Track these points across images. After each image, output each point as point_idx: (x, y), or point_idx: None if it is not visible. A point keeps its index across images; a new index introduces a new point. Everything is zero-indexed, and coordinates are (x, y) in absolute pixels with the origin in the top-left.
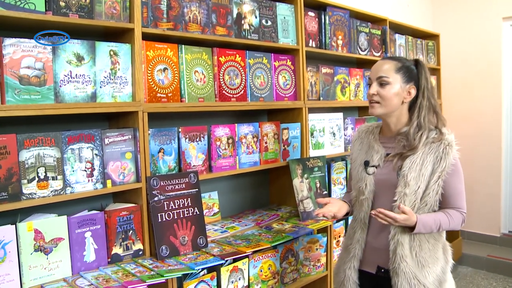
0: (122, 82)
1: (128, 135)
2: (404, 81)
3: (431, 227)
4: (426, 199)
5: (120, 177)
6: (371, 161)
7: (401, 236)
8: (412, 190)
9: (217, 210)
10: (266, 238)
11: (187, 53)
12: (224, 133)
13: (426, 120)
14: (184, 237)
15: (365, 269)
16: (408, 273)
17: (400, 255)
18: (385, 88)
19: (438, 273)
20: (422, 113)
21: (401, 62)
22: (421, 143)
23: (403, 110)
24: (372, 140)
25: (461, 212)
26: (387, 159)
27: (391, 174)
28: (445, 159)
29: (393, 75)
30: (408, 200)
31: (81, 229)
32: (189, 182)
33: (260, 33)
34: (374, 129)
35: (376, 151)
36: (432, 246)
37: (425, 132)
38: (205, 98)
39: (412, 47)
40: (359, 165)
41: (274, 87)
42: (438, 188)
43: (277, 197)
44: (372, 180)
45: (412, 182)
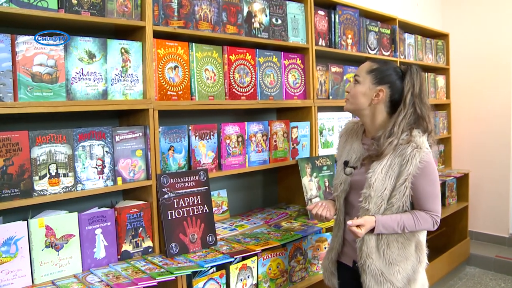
0: (133, 79)
1: (139, 133)
2: (373, 83)
3: (393, 228)
4: (392, 201)
5: (131, 175)
6: (350, 162)
7: (367, 235)
8: (378, 192)
9: (226, 208)
10: (275, 237)
11: (198, 51)
12: (234, 131)
13: (401, 127)
14: (193, 235)
15: (343, 261)
16: (374, 270)
17: (366, 253)
18: (356, 86)
19: (408, 271)
20: (399, 119)
21: (378, 64)
22: (389, 149)
23: (376, 111)
24: (355, 140)
25: (430, 214)
26: (362, 161)
27: (363, 175)
28: (411, 162)
29: (363, 75)
30: (374, 201)
31: (92, 226)
32: (199, 180)
33: (270, 32)
34: (358, 128)
35: (355, 152)
36: (402, 245)
37: (396, 138)
38: (215, 96)
39: (421, 47)
40: (340, 164)
41: (284, 85)
42: (405, 190)
43: (286, 196)
44: (348, 180)
45: (378, 184)
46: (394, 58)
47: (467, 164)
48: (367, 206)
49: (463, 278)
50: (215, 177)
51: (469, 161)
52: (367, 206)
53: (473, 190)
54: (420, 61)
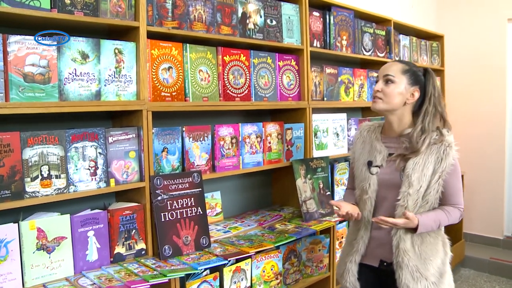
0: (127, 80)
1: (132, 134)
2: (409, 83)
3: (432, 227)
4: (427, 198)
5: (124, 176)
6: (374, 161)
7: (403, 233)
8: (415, 190)
9: (220, 210)
10: (269, 239)
11: (192, 52)
12: (228, 133)
13: (430, 125)
14: (187, 237)
15: (367, 262)
16: (411, 266)
17: (403, 250)
18: (390, 86)
19: (438, 265)
20: (427, 118)
21: (409, 66)
22: (424, 147)
23: (406, 111)
24: (374, 140)
25: (458, 208)
26: (389, 159)
27: (394, 174)
28: (445, 160)
29: (399, 75)
30: (411, 199)
31: (84, 228)
32: (193, 182)
33: (264, 33)
34: (376, 128)
35: (379, 152)
36: (433, 239)
37: (428, 136)
38: (209, 97)
39: (416, 48)
40: (362, 164)
41: (278, 87)
42: (438, 187)
43: (280, 198)
44: (376, 180)
45: (415, 182)
46: (389, 60)
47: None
48: (405, 204)
49: (457, 280)
50: (209, 178)
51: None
52: (405, 204)
53: (468, 192)
54: (415, 62)
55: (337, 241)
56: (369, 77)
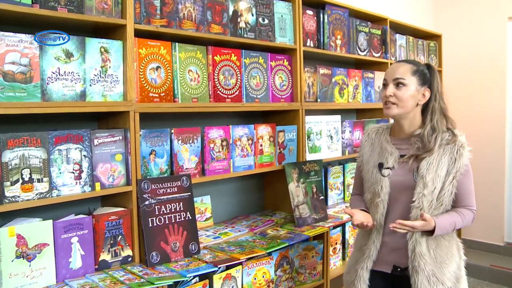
0: (113, 80)
1: (119, 136)
2: (419, 84)
3: (447, 229)
4: (441, 199)
5: (110, 180)
6: (385, 163)
7: (419, 236)
8: (429, 191)
9: (210, 215)
10: (260, 245)
11: (181, 52)
12: (218, 135)
13: (439, 123)
14: (175, 243)
15: (379, 269)
16: (427, 271)
17: (419, 254)
18: (401, 89)
19: (454, 269)
20: (436, 116)
21: (416, 65)
22: (437, 145)
23: (417, 112)
24: (384, 142)
25: (471, 210)
26: (401, 161)
27: (407, 175)
28: (459, 161)
29: (409, 77)
30: (426, 200)
31: (67, 234)
32: (181, 186)
33: (256, 32)
34: (384, 130)
35: (390, 153)
36: (448, 243)
37: (440, 134)
38: (199, 98)
39: (413, 48)
40: (372, 167)
41: (270, 88)
42: (452, 188)
43: (272, 202)
44: (388, 182)
45: (430, 183)
46: (385, 60)
47: None
48: (420, 205)
49: None
50: (198, 182)
51: None
52: (421, 206)
53: None
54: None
55: (331, 247)
56: (364, 78)
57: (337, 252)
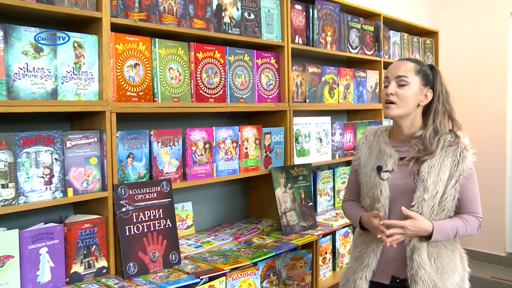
0: (88, 78)
1: (93, 138)
2: (422, 84)
3: (448, 234)
4: (443, 204)
5: (83, 185)
6: (384, 166)
7: (418, 242)
8: (430, 195)
9: (191, 223)
10: (245, 254)
11: (161, 48)
12: (201, 137)
13: (442, 125)
14: (154, 253)
15: (377, 280)
16: (427, 281)
17: (418, 262)
18: (404, 88)
19: (457, 281)
20: (438, 117)
21: (420, 65)
22: (439, 148)
23: (418, 113)
24: (382, 144)
25: (477, 217)
26: (401, 164)
27: (408, 178)
28: (462, 163)
29: (412, 76)
30: (427, 205)
31: (35, 245)
32: (161, 191)
33: (241, 27)
34: (382, 132)
35: (389, 156)
36: (451, 252)
37: (442, 136)
38: (180, 98)
39: (407, 45)
40: (370, 170)
41: (256, 87)
42: (455, 192)
43: (257, 209)
44: (387, 186)
45: (431, 186)
46: (378, 58)
47: None
48: (420, 211)
49: None
50: (179, 188)
51: None
52: (420, 211)
53: None
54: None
55: (321, 257)
56: (355, 77)
57: (327, 262)
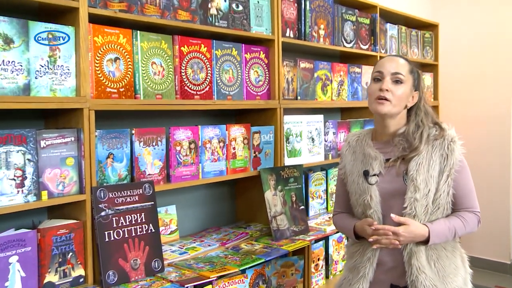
0: (64, 72)
1: (70, 137)
2: (413, 84)
3: (446, 236)
4: (438, 202)
5: (59, 188)
6: (371, 170)
7: (415, 246)
8: (422, 194)
9: (175, 228)
10: (233, 261)
11: (143, 41)
12: (185, 137)
13: (424, 120)
14: (136, 260)
15: None
16: (428, 286)
17: (417, 267)
18: (399, 86)
19: (460, 284)
20: (420, 114)
21: (411, 65)
22: (423, 142)
23: (403, 114)
24: (366, 148)
25: (474, 212)
26: (387, 165)
27: (396, 180)
28: (451, 156)
29: (407, 75)
30: (420, 205)
31: (4, 253)
32: (143, 194)
33: (229, 20)
34: (365, 136)
35: (374, 158)
36: (451, 254)
37: (425, 130)
38: (164, 94)
39: (405, 39)
40: (357, 176)
41: (245, 83)
42: (448, 188)
43: (246, 213)
44: (377, 190)
45: (422, 185)
46: (374, 53)
47: None
48: (413, 212)
49: None
50: (162, 190)
51: None
52: (413, 213)
53: None
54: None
55: (313, 263)
56: (350, 73)
57: (320, 269)
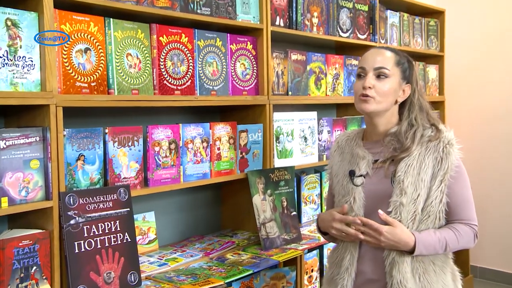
0: (26, 64)
1: (35, 137)
2: (402, 77)
3: (435, 248)
4: (429, 210)
5: (22, 194)
6: (357, 170)
7: (398, 256)
8: (410, 199)
9: (154, 237)
10: (217, 273)
11: (117, 30)
12: (165, 136)
13: (419, 118)
14: (109, 273)
15: None
16: None
17: (398, 280)
18: (383, 81)
19: None
20: (414, 111)
21: (399, 55)
22: (416, 142)
23: (394, 110)
24: (355, 147)
25: (470, 225)
26: (376, 166)
27: (384, 182)
28: (446, 160)
29: (393, 68)
30: (406, 211)
31: None
32: (118, 200)
33: (213, 7)
34: (355, 135)
35: (361, 158)
36: (440, 269)
37: (419, 130)
38: (140, 89)
39: (408, 28)
40: (342, 177)
41: (230, 77)
42: (441, 195)
43: (232, 220)
44: (362, 193)
45: (410, 189)
46: (372, 43)
47: None
48: (398, 217)
49: None
50: (139, 195)
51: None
52: (398, 218)
53: None
54: (407, 46)
55: (306, 275)
56: (346, 66)
57: (314, 282)
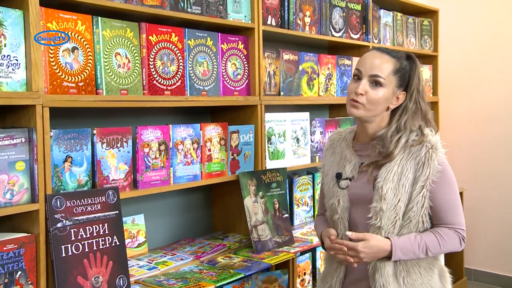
0: (11, 63)
1: (20, 138)
2: (397, 85)
3: (415, 252)
4: (410, 215)
5: (7, 196)
6: (344, 173)
7: (380, 261)
8: (390, 205)
9: (144, 240)
10: (208, 277)
11: (106, 29)
12: (155, 137)
13: (408, 124)
14: (97, 278)
15: None
16: None
17: (381, 284)
18: (377, 90)
19: None
20: (405, 116)
21: (399, 61)
22: (399, 147)
23: (385, 115)
24: (345, 148)
25: (455, 229)
26: (361, 170)
27: (366, 187)
28: (428, 165)
29: (389, 77)
30: (386, 216)
31: None
32: (107, 202)
33: (203, 6)
34: (347, 134)
35: (348, 161)
36: (425, 271)
37: (405, 135)
38: (129, 90)
39: (401, 27)
40: (330, 179)
41: (221, 77)
42: (423, 200)
43: (223, 222)
44: (346, 196)
45: (390, 194)
46: (365, 43)
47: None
48: (378, 223)
49: None
50: (128, 198)
51: (463, 176)
52: (378, 224)
53: (469, 214)
54: (400, 46)
55: (298, 278)
56: (339, 66)
57: (306, 285)
